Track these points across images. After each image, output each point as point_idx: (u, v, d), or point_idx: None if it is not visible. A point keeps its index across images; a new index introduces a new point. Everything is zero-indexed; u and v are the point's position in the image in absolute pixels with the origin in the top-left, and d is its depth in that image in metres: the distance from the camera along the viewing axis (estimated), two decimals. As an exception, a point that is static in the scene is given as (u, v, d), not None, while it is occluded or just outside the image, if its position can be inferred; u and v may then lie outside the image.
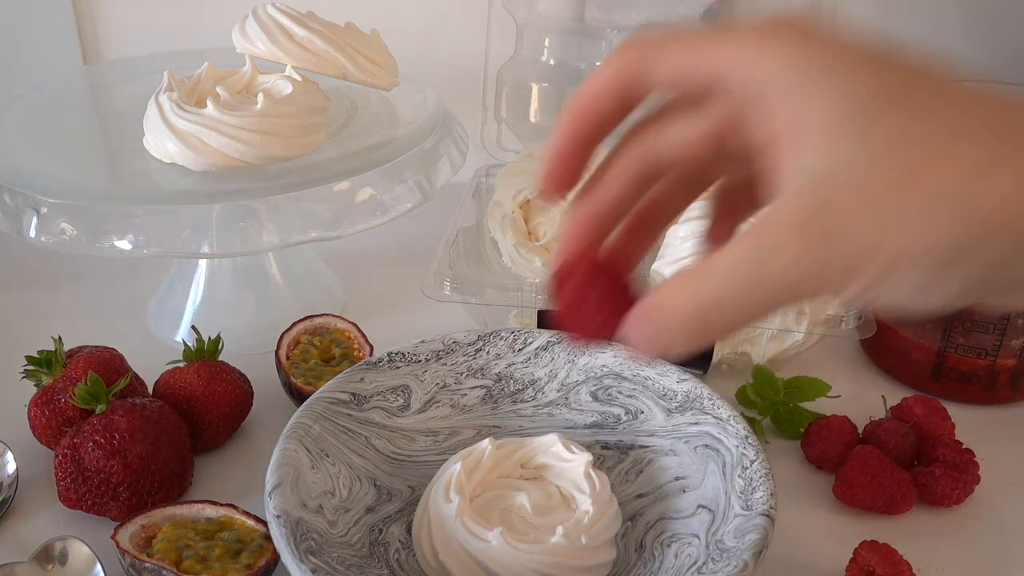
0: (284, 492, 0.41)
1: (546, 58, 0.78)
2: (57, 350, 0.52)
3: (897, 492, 0.49)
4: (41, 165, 0.55)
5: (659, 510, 0.46)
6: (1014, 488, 0.52)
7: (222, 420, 0.53)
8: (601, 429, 0.50)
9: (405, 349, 0.51)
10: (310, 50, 0.57)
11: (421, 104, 0.64)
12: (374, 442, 0.48)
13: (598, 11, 0.76)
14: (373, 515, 0.45)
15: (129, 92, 0.65)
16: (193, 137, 0.53)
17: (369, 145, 0.58)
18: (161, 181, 0.54)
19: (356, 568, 0.41)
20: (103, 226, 0.51)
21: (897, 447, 0.51)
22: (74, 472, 0.47)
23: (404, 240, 0.76)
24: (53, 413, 0.51)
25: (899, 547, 0.44)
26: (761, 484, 0.41)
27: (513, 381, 0.52)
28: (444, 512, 0.43)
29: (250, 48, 0.57)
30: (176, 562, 0.42)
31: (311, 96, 0.57)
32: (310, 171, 0.54)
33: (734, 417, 0.46)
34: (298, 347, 0.58)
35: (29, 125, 0.60)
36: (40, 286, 0.72)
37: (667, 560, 0.43)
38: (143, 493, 0.47)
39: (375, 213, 0.56)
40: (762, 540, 0.39)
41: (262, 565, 0.42)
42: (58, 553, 0.44)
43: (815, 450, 0.52)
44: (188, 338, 0.56)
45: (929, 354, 0.58)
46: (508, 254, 0.63)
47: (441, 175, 0.60)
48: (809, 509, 0.50)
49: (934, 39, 0.82)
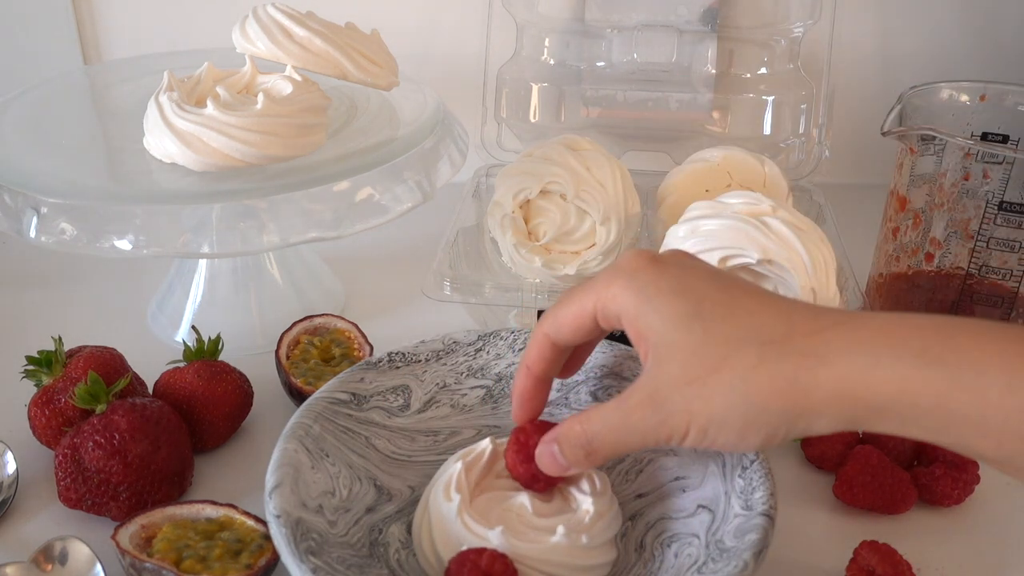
0: (284, 492, 0.41)
1: (546, 58, 0.78)
2: (57, 350, 0.52)
3: (897, 492, 0.49)
4: (41, 165, 0.55)
5: (659, 510, 0.46)
6: (1014, 488, 0.52)
7: (222, 420, 0.53)
8: (601, 429, 0.50)
9: (405, 349, 0.51)
10: (310, 50, 0.57)
11: (421, 104, 0.64)
12: (374, 442, 0.48)
13: (598, 11, 0.76)
14: (373, 515, 0.45)
15: (129, 92, 0.65)
16: (193, 137, 0.53)
17: (369, 145, 0.58)
18: (161, 181, 0.54)
19: (356, 568, 0.41)
20: (103, 226, 0.51)
21: (897, 447, 0.51)
22: (74, 472, 0.47)
23: (404, 240, 0.76)
24: (53, 413, 0.51)
25: (899, 547, 0.44)
26: (761, 484, 0.41)
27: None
28: (444, 511, 0.43)
29: (250, 48, 0.57)
30: (176, 562, 0.42)
31: (311, 96, 0.57)
32: (310, 171, 0.54)
33: (734, 417, 0.46)
34: (298, 347, 0.58)
35: (29, 125, 0.60)
36: (40, 286, 0.72)
37: (667, 560, 0.43)
38: (143, 493, 0.47)
39: (375, 213, 0.55)
40: (762, 540, 0.39)
41: (262, 565, 0.42)
42: (58, 553, 0.44)
43: (815, 450, 0.52)
44: (188, 338, 0.56)
45: (929, 354, 0.58)
46: (508, 254, 0.63)
47: (441, 175, 0.60)
48: (809, 509, 0.50)
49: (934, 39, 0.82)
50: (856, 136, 0.83)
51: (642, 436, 0.37)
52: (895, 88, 0.65)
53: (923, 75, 0.69)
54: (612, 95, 0.77)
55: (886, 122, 0.60)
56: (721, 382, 0.35)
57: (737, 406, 0.35)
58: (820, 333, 0.35)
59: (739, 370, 0.35)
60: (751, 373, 0.35)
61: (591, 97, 0.78)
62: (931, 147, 0.58)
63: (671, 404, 0.36)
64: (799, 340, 0.35)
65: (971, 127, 0.63)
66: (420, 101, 0.64)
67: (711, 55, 0.75)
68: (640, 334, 0.38)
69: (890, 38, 0.83)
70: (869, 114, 0.75)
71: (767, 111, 0.76)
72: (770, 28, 0.75)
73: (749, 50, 0.76)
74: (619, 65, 0.76)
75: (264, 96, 0.54)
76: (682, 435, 0.37)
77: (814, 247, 0.57)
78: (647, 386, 0.37)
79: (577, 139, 0.66)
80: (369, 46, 0.59)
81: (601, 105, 0.78)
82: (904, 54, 0.83)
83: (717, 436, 0.36)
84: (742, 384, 0.35)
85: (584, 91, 0.77)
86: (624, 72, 0.76)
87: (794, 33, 0.75)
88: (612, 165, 0.64)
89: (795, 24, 0.75)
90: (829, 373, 0.34)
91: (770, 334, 0.35)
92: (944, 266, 0.58)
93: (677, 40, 0.75)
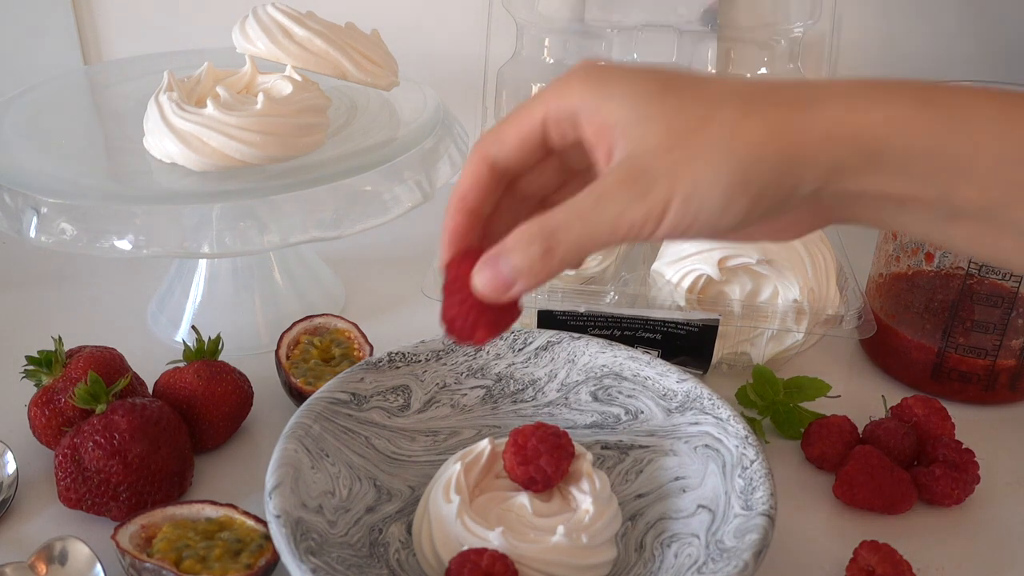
0: (284, 492, 0.41)
1: (546, 58, 0.78)
2: (57, 350, 0.52)
3: (897, 492, 0.49)
4: (41, 165, 0.55)
5: (659, 510, 0.46)
6: (1014, 488, 0.52)
7: (222, 420, 0.53)
8: (601, 429, 0.50)
9: (405, 349, 0.51)
10: (310, 50, 0.57)
11: (421, 104, 0.64)
12: (374, 442, 0.48)
13: (598, 11, 0.76)
14: (373, 515, 0.45)
15: (129, 92, 0.65)
16: (193, 137, 0.53)
17: (369, 145, 0.58)
18: (161, 181, 0.54)
19: (356, 568, 0.41)
20: (103, 226, 0.51)
21: (897, 447, 0.51)
22: (74, 472, 0.47)
23: (404, 240, 0.76)
24: (53, 413, 0.51)
25: (899, 547, 0.44)
26: (761, 484, 0.41)
27: (513, 381, 0.52)
28: (444, 512, 0.43)
29: (250, 48, 0.57)
30: (176, 562, 0.42)
31: (311, 96, 0.57)
32: (310, 171, 0.54)
33: (734, 417, 0.46)
34: (298, 347, 0.58)
35: (29, 125, 0.60)
36: (40, 286, 0.72)
37: (667, 560, 0.43)
38: (143, 493, 0.47)
39: (375, 213, 0.56)
40: (762, 540, 0.39)
41: (262, 565, 0.42)
42: (58, 553, 0.44)
43: (815, 450, 0.52)
44: (188, 338, 0.56)
45: (929, 354, 0.58)
46: (508, 254, 0.63)
47: (441, 175, 0.60)
48: (809, 509, 0.50)
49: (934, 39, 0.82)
50: (856, 136, 0.83)
51: (614, 220, 0.32)
52: (895, 88, 0.65)
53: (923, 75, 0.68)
54: (612, 95, 0.77)
55: (886, 122, 0.60)
56: (708, 138, 0.32)
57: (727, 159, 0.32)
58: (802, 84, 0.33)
59: (726, 123, 0.32)
60: (738, 125, 0.32)
61: (591, 97, 0.78)
62: (931, 147, 0.57)
63: (652, 172, 0.32)
64: (782, 90, 0.33)
65: (971, 127, 0.63)
66: (420, 101, 0.64)
67: (711, 55, 0.75)
68: (605, 125, 0.33)
69: (891, 38, 0.83)
70: (869, 114, 0.75)
71: (767, 111, 0.76)
72: (770, 28, 0.75)
73: (749, 50, 0.76)
74: (619, 65, 0.76)
75: (264, 96, 0.54)
76: (661, 210, 0.32)
77: (814, 247, 0.57)
78: (623, 164, 0.33)
79: (577, 139, 0.65)
80: (369, 46, 0.59)
81: (601, 105, 0.78)
82: (904, 54, 0.83)
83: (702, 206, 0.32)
84: (730, 136, 0.32)
85: (584, 91, 0.77)
86: (624, 72, 0.76)
87: (794, 33, 0.75)
88: (612, 165, 0.63)
89: (795, 24, 0.75)
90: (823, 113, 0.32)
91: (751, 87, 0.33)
92: (944, 266, 0.58)
93: (677, 40, 0.75)
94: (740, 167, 0.32)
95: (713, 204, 0.32)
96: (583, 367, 0.51)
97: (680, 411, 0.48)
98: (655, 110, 0.33)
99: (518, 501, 0.44)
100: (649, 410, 0.49)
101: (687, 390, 0.48)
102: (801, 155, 0.32)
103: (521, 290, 0.34)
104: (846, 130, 0.32)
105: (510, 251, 0.33)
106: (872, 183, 0.32)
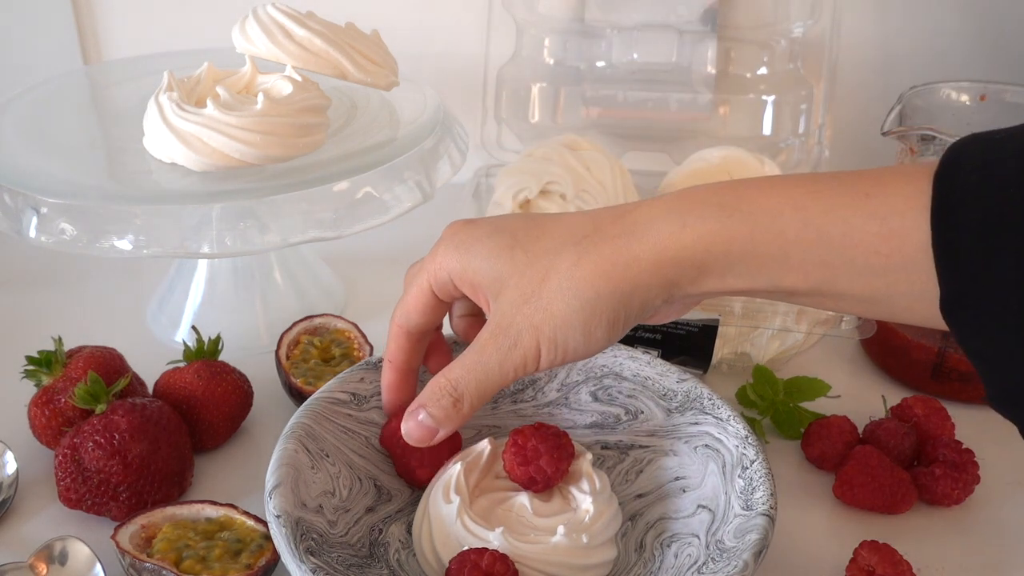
0: (284, 492, 0.41)
1: (546, 58, 0.78)
2: (57, 350, 0.52)
3: (897, 492, 0.49)
4: (41, 165, 0.55)
5: (659, 510, 0.46)
6: (1014, 488, 0.52)
7: (222, 420, 0.53)
8: (601, 429, 0.50)
9: (405, 349, 0.51)
10: (310, 50, 0.57)
11: (421, 104, 0.64)
12: (374, 442, 0.48)
13: (598, 11, 0.76)
14: (373, 515, 0.45)
15: (129, 92, 0.65)
16: (193, 137, 0.53)
17: (369, 145, 0.58)
18: (161, 181, 0.54)
19: (356, 568, 0.41)
20: (103, 226, 0.51)
21: (897, 447, 0.51)
22: (74, 472, 0.47)
23: (404, 240, 0.76)
24: (53, 413, 0.51)
25: (899, 547, 0.44)
26: (761, 484, 0.41)
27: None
28: (444, 512, 0.43)
29: (250, 48, 0.57)
30: (176, 562, 0.42)
31: (311, 96, 0.57)
32: (310, 171, 0.54)
33: (734, 417, 0.46)
34: (298, 347, 0.58)
35: (29, 125, 0.60)
36: (40, 286, 0.72)
37: (667, 560, 0.43)
38: (143, 493, 0.47)
39: (375, 213, 0.56)
40: (762, 540, 0.39)
41: (262, 565, 0.42)
42: (58, 553, 0.44)
43: (815, 450, 0.52)
44: (188, 338, 0.56)
45: (929, 354, 0.58)
46: (508, 254, 0.63)
47: (441, 175, 0.60)
48: (809, 509, 0.50)
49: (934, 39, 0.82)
50: (856, 136, 0.83)
51: (499, 367, 0.39)
52: (895, 88, 0.65)
53: (923, 75, 0.69)
54: (612, 95, 0.77)
55: (886, 122, 0.60)
56: (551, 288, 0.37)
57: (572, 303, 0.37)
58: (624, 217, 0.38)
59: (563, 271, 0.37)
60: (574, 270, 0.37)
61: (591, 97, 0.78)
62: (931, 147, 0.58)
63: (516, 326, 0.38)
64: (608, 228, 0.38)
65: (971, 127, 0.62)
66: (420, 101, 0.64)
67: (711, 55, 0.75)
68: (473, 284, 0.40)
69: (890, 38, 0.83)
70: (869, 114, 0.75)
71: (767, 111, 0.76)
72: (770, 28, 0.75)
73: (749, 50, 0.76)
74: (619, 65, 0.76)
75: (264, 96, 0.54)
76: (535, 354, 0.38)
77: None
78: (492, 321, 0.39)
79: (577, 139, 0.65)
80: (369, 46, 0.59)
81: (601, 105, 0.78)
82: (904, 54, 0.83)
83: (567, 342, 0.38)
84: (569, 282, 0.37)
85: (584, 91, 0.77)
86: (624, 72, 0.76)
87: (794, 33, 0.75)
88: (612, 165, 0.64)
89: (795, 24, 0.75)
90: (643, 245, 0.36)
91: (582, 232, 0.38)
92: (944, 266, 0.58)
93: (677, 40, 0.75)
94: (586, 306, 0.37)
95: (576, 338, 0.38)
96: (583, 367, 0.51)
97: (680, 411, 0.48)
98: (507, 267, 0.39)
99: (518, 501, 0.44)
100: (649, 410, 0.49)
101: (687, 390, 0.48)
102: (634, 284, 0.37)
103: (445, 434, 0.41)
104: (669, 255, 0.36)
105: (426, 405, 0.40)
106: (710, 285, 0.37)
